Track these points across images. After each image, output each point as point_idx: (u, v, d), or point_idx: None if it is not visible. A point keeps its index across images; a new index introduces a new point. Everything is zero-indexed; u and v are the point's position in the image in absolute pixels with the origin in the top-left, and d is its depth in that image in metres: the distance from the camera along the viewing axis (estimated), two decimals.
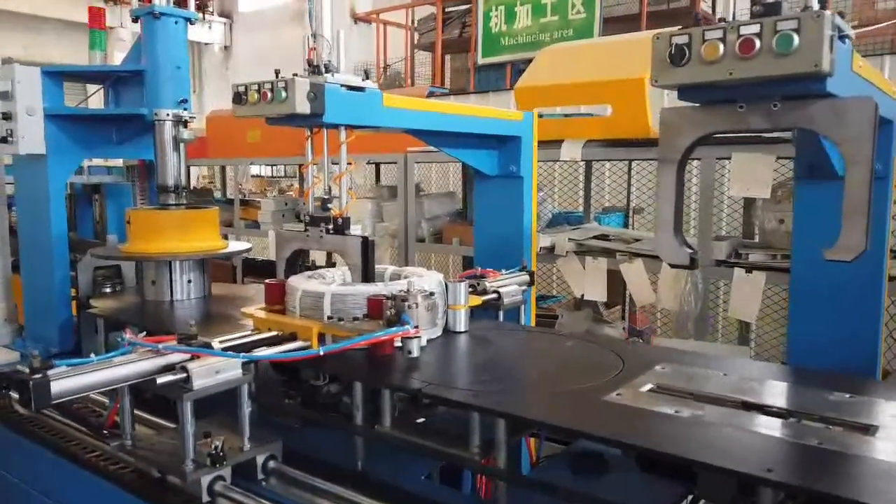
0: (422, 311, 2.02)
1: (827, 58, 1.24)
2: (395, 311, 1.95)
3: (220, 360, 1.70)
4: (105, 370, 1.61)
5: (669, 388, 1.70)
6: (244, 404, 1.76)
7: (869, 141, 1.34)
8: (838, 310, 2.27)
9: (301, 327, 2.01)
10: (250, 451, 1.77)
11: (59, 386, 1.53)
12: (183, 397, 1.64)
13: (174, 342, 1.73)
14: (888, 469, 1.26)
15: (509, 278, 2.69)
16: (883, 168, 2.20)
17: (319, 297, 2.07)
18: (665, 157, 1.58)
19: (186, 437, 1.69)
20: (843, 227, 1.41)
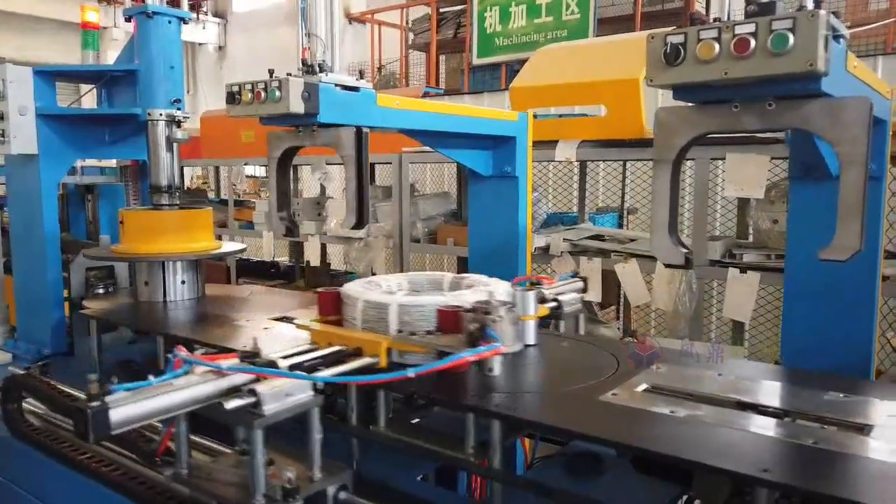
0: (506, 326, 1.79)
1: (822, 57, 1.24)
2: (479, 326, 1.76)
3: (288, 381, 1.54)
4: (167, 394, 1.46)
5: (665, 387, 1.70)
6: (315, 430, 1.58)
7: (864, 141, 1.34)
8: (832, 310, 2.28)
9: (368, 342, 1.83)
10: (321, 482, 1.59)
11: (118, 414, 1.38)
12: (254, 424, 1.47)
13: (236, 361, 1.59)
14: (884, 468, 1.26)
15: (566, 285, 2.55)
16: (877, 168, 2.21)
17: (384, 308, 1.91)
18: (660, 158, 1.58)
19: (257, 469, 1.51)
20: (838, 227, 1.41)
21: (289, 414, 1.51)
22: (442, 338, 1.82)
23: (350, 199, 2.22)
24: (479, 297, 1.96)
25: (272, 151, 2.36)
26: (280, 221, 2.38)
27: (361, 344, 1.84)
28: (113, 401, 1.38)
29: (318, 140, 2.24)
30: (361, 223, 2.25)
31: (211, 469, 1.70)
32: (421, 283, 2.38)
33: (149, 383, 1.47)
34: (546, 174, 6.95)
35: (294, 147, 2.33)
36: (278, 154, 2.35)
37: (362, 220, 2.24)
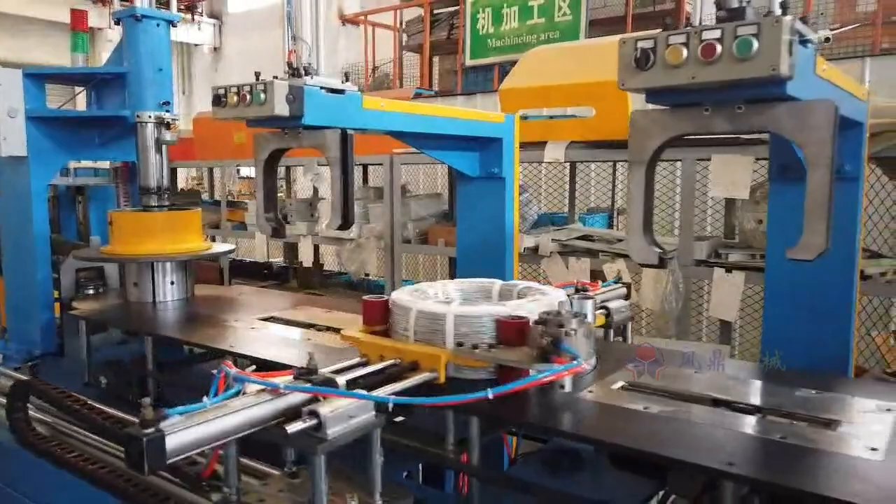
0: (581, 339, 1.65)
1: (785, 62, 1.27)
2: (552, 340, 1.62)
3: (351, 401, 1.45)
4: (224, 417, 1.37)
5: (640, 385, 1.73)
6: (376, 452, 1.50)
7: (829, 143, 1.38)
8: (812, 309, 2.31)
9: (426, 355, 1.72)
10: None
11: (175, 442, 1.28)
12: (318, 450, 1.37)
13: (290, 378, 1.50)
14: (848, 462, 1.30)
15: (610, 292, 2.48)
16: (853, 169, 2.24)
17: (440, 318, 1.78)
18: (635, 159, 1.61)
19: (319, 497, 1.41)
20: (805, 228, 1.44)
21: (352, 437, 1.42)
22: (507, 352, 1.69)
23: (335, 200, 2.25)
24: (539, 306, 1.84)
25: (259, 153, 2.39)
26: (267, 222, 2.41)
27: (418, 357, 1.72)
28: (168, 426, 1.28)
29: (304, 142, 2.26)
30: (347, 224, 2.28)
31: (261, 493, 1.59)
32: (470, 291, 2.28)
33: (203, 405, 1.38)
34: (538, 175, 6.99)
35: (280, 149, 2.35)
36: (265, 156, 2.37)
37: (348, 221, 2.27)
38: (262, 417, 1.41)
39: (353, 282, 6.25)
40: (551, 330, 1.63)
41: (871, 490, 1.22)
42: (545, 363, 1.60)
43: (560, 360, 1.59)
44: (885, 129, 3.03)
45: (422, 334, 1.82)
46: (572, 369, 1.58)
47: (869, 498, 1.19)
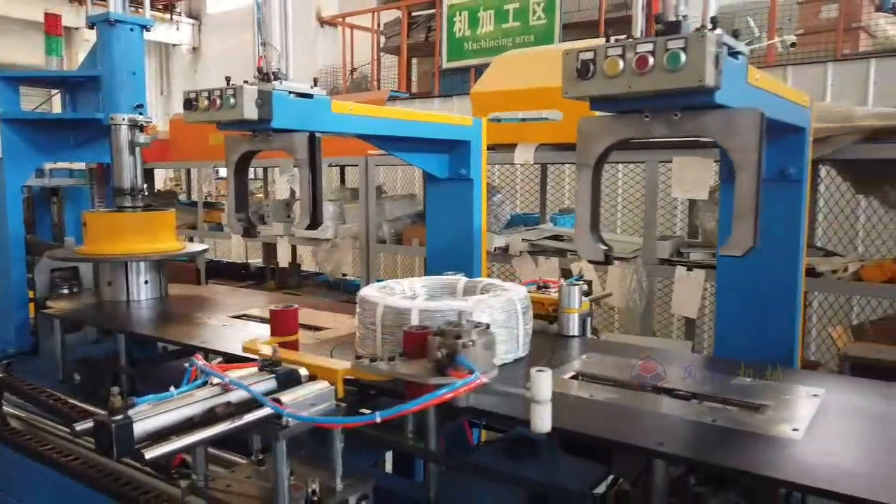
0: (479, 351, 1.57)
1: (711, 73, 1.38)
2: (448, 353, 1.55)
3: (312, 391, 1.54)
4: (191, 404, 1.43)
5: (589, 374, 1.83)
6: (336, 439, 1.57)
7: (755, 148, 1.49)
8: (759, 304, 2.43)
9: (322, 369, 1.71)
10: (344, 492, 1.59)
11: (143, 427, 1.33)
12: (279, 435, 1.45)
13: (255, 370, 1.58)
14: (770, 441, 1.41)
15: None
16: (797, 171, 2.36)
17: (406, 313, 1.85)
18: (582, 163, 1.72)
19: (281, 481, 1.49)
20: (734, 227, 1.55)
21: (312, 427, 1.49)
22: (406, 364, 1.64)
23: (304, 201, 2.32)
24: (500, 302, 1.90)
25: (230, 155, 2.46)
26: (238, 222, 2.48)
27: (316, 371, 1.70)
28: (136, 414, 1.33)
29: (274, 144, 2.34)
30: (315, 224, 2.36)
31: (228, 480, 1.65)
32: (435, 287, 2.36)
33: (171, 395, 1.44)
34: (513, 176, 7.11)
35: (251, 151, 2.43)
36: (236, 158, 2.45)
37: (316, 221, 2.35)
38: (223, 406, 1.47)
39: (329, 282, 6.32)
40: (448, 342, 1.56)
41: (789, 465, 1.33)
42: (442, 377, 1.53)
43: (457, 374, 1.51)
44: (834, 132, 3.18)
45: (388, 328, 1.90)
46: (471, 384, 1.49)
47: (785, 472, 1.30)
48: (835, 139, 3.21)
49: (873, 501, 1.19)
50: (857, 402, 1.68)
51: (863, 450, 1.43)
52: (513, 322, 1.96)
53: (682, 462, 1.39)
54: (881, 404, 1.69)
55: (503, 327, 1.92)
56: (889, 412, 1.62)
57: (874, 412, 1.63)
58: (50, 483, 2.12)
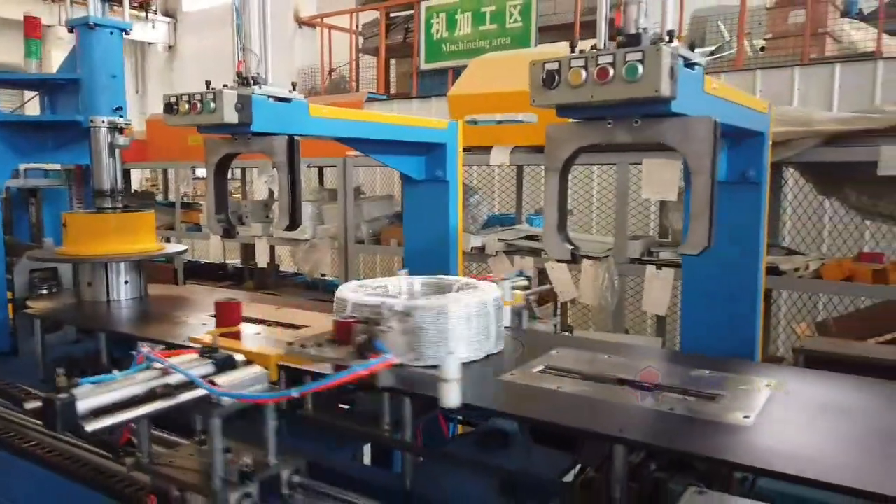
0: (397, 336, 1.79)
1: (666, 84, 1.47)
2: (367, 338, 1.77)
3: (246, 374, 1.67)
4: (132, 385, 1.55)
5: (557, 368, 1.93)
6: (269, 418, 1.70)
7: (708, 154, 1.59)
8: (722, 301, 2.54)
9: (258, 356, 1.86)
10: (276, 467, 1.72)
11: (86, 405, 1.44)
12: (213, 413, 1.60)
13: (196, 356, 1.70)
14: (722, 427, 1.51)
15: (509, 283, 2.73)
16: (757, 174, 2.47)
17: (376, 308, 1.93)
18: (549, 167, 1.81)
19: (216, 455, 1.63)
20: (690, 227, 1.65)
21: (245, 405, 1.62)
22: (333, 350, 1.82)
23: (283, 202, 2.39)
24: (473, 297, 2.00)
25: (210, 157, 2.51)
26: (218, 223, 2.54)
27: (252, 357, 1.84)
28: (80, 392, 1.44)
29: (253, 147, 2.40)
30: (294, 224, 2.42)
31: (171, 458, 1.78)
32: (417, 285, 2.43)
33: (114, 377, 1.56)
34: (491, 178, 7.21)
35: (230, 154, 2.48)
36: (216, 160, 2.50)
37: (295, 222, 2.41)
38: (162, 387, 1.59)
39: (308, 282, 6.36)
40: (368, 329, 1.77)
41: (739, 449, 1.43)
42: (362, 360, 1.69)
43: (375, 357, 1.69)
44: (794, 136, 3.31)
45: None
46: (379, 364, 1.66)
47: (735, 455, 1.40)
48: (795, 143, 3.34)
49: (817, 480, 1.29)
50: (806, 392, 1.79)
51: (809, 435, 1.53)
52: (486, 319, 2.04)
53: (640, 447, 1.48)
54: (829, 393, 1.80)
55: (477, 324, 2.01)
56: (836, 400, 1.74)
57: (822, 401, 1.74)
58: (33, 479, 2.16)
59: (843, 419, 1.60)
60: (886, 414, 1.66)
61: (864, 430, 1.54)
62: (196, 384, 1.59)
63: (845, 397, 1.75)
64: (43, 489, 2.16)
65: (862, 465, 1.38)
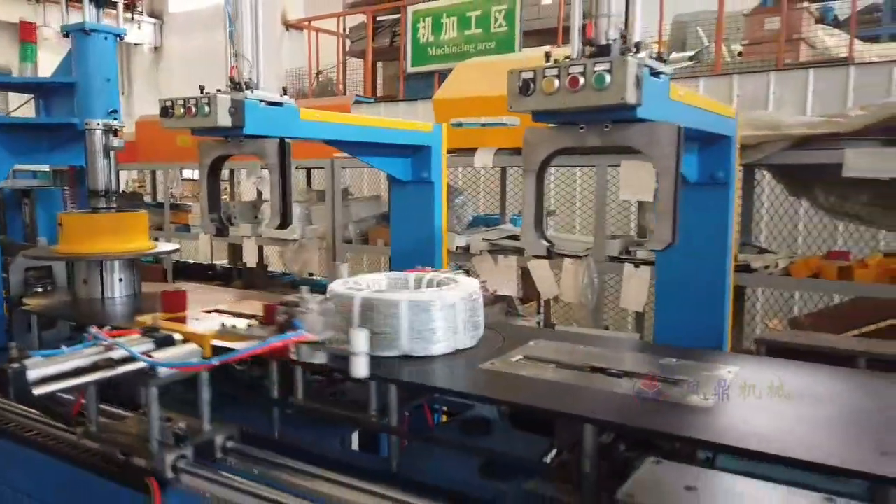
0: (315, 317, 1.97)
1: (632, 92, 1.60)
2: (287, 318, 1.97)
3: (183, 350, 1.91)
4: (78, 359, 1.76)
5: (536, 357, 2.05)
6: (203, 390, 1.94)
7: (673, 157, 1.72)
8: (693, 296, 2.68)
9: (194, 334, 2.04)
10: (210, 433, 1.94)
11: (35, 374, 1.64)
12: (149, 383, 1.84)
13: (139, 335, 1.93)
14: (684, 409, 1.64)
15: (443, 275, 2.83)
16: (724, 176, 2.61)
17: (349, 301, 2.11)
18: (527, 168, 1.93)
19: (153, 420, 1.87)
20: (656, 225, 1.78)
21: (181, 377, 1.87)
22: (260, 329, 2.05)
23: (274, 203, 2.49)
24: (452, 291, 2.14)
25: (203, 159, 2.61)
26: (211, 222, 2.64)
27: (190, 336, 2.03)
28: (31, 363, 1.65)
29: (245, 149, 2.50)
30: (285, 223, 2.52)
31: (117, 427, 2.04)
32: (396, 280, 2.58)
33: (61, 352, 1.77)
34: (477, 179, 7.34)
35: (223, 155, 2.59)
36: (209, 161, 2.60)
37: (286, 221, 2.52)
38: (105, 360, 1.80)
39: (296, 282, 6.45)
40: (289, 310, 1.98)
41: (697, 426, 1.56)
42: None
43: None
44: (764, 139, 3.47)
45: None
46: (293, 338, 1.89)
47: (694, 430, 1.53)
48: (765, 146, 3.50)
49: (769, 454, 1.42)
50: (764, 377, 1.92)
51: (764, 415, 1.66)
52: (467, 312, 2.16)
53: (607, 426, 1.60)
54: (784, 379, 1.94)
55: (460, 315, 2.13)
56: (790, 385, 1.87)
57: (778, 385, 1.88)
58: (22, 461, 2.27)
59: (795, 402, 1.74)
60: (836, 397, 1.80)
61: (814, 411, 1.68)
62: (134, 357, 1.81)
63: (799, 382, 1.89)
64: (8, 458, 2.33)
65: (811, 441, 1.51)
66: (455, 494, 1.76)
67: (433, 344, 2.04)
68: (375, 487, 1.71)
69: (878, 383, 1.89)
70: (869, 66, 6.05)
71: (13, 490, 2.30)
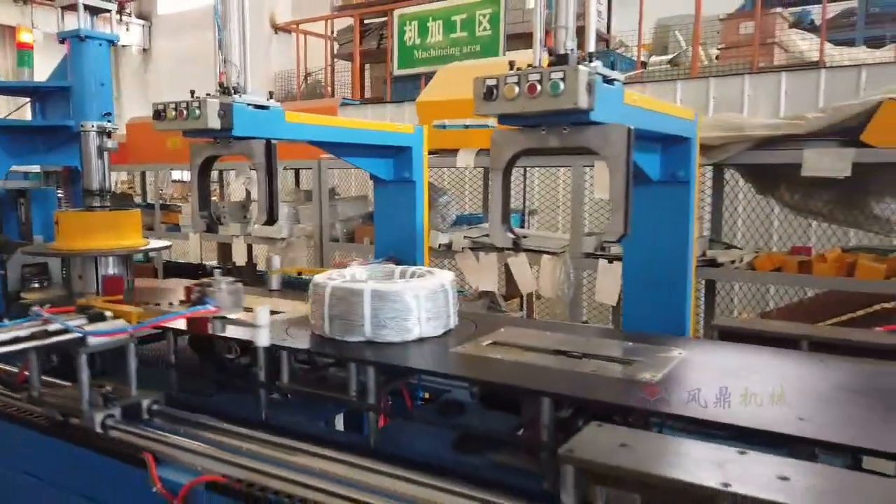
0: (224, 295, 2.35)
1: (584, 98, 1.77)
2: (199, 295, 2.33)
3: (110, 324, 2.25)
4: (17, 330, 2.11)
5: (504, 342, 2.22)
6: (131, 360, 2.26)
7: (624, 157, 1.89)
8: (657, 287, 2.85)
9: (125, 313, 2.39)
10: (136, 397, 2.24)
11: None
12: (79, 351, 2.12)
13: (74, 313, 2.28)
14: (631, 384, 1.81)
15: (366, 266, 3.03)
16: (685, 175, 2.78)
17: (322, 289, 2.34)
18: (494, 167, 2.09)
19: (83, 385, 2.15)
20: (611, 218, 1.94)
21: (109, 346, 2.20)
22: (180, 308, 2.38)
23: (261, 201, 2.65)
24: (425, 282, 2.35)
25: (194, 160, 2.76)
26: (201, 219, 2.79)
27: (120, 314, 2.37)
28: None
29: (233, 150, 2.66)
30: (272, 220, 2.68)
31: (56, 394, 2.34)
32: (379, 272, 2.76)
33: (4, 324, 2.16)
34: (463, 180, 7.51)
35: (213, 156, 2.74)
36: (199, 162, 2.75)
37: (272, 218, 2.67)
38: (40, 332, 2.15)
39: (284, 280, 6.58)
40: (203, 289, 2.33)
41: (644, 398, 1.73)
42: None
43: None
44: (728, 140, 3.65)
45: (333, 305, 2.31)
46: (201, 311, 2.27)
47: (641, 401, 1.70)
48: (729, 146, 3.69)
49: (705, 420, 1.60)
50: (710, 358, 2.10)
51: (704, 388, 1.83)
52: (441, 301, 2.33)
53: (564, 399, 1.77)
54: (730, 359, 2.12)
55: (434, 305, 2.29)
56: (734, 364, 2.05)
57: (722, 364, 2.06)
58: None
59: (737, 377, 1.91)
60: (775, 372, 1.97)
61: (751, 385, 1.85)
62: (67, 329, 2.16)
63: (743, 361, 2.07)
64: None
65: (742, 409, 1.68)
66: (430, 467, 1.92)
67: (407, 331, 2.22)
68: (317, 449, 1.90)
69: (809, 362, 2.07)
70: (838, 70, 6.27)
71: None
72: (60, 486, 2.28)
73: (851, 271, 3.53)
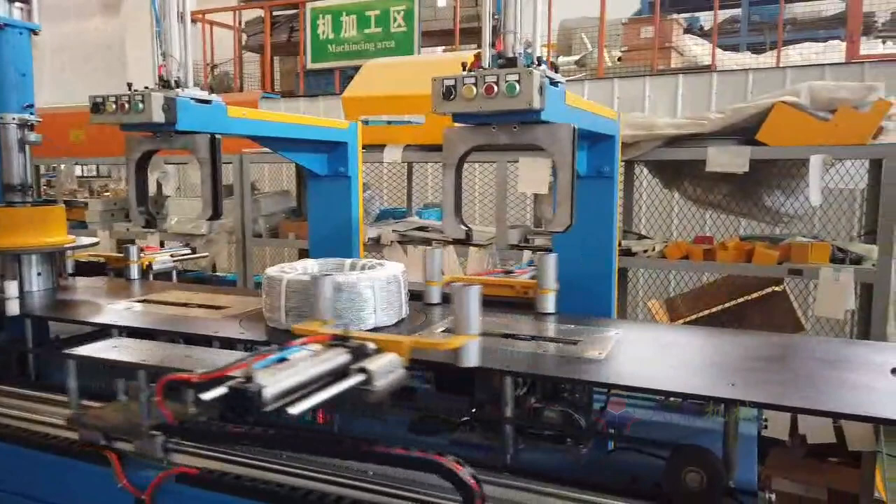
0: None
1: (537, 98, 1.92)
2: None
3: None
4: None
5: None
6: None
7: (569, 153, 2.06)
8: (585, 273, 3.06)
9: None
10: None
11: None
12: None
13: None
14: (580, 361, 2.00)
15: None
16: (609, 170, 3.02)
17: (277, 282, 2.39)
18: (447, 163, 2.22)
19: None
20: (557, 210, 2.12)
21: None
22: None
23: (206, 195, 2.64)
24: (376, 273, 2.45)
25: (131, 153, 2.70)
26: (140, 214, 2.74)
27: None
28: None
29: (175, 144, 2.63)
30: (217, 215, 2.67)
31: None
32: (328, 266, 2.80)
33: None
34: (380, 174, 7.57)
35: (151, 150, 2.70)
36: (136, 156, 2.70)
37: (217, 213, 2.67)
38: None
39: (203, 276, 6.42)
40: None
41: (591, 372, 1.92)
42: None
43: None
44: (640, 139, 3.96)
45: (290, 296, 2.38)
46: None
47: (589, 376, 1.88)
48: (642, 144, 3.99)
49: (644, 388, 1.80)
50: (643, 336, 2.33)
51: (643, 363, 2.05)
52: (395, 291, 2.43)
53: (517, 376, 1.93)
54: (660, 336, 2.35)
55: (388, 295, 2.40)
56: (663, 341, 2.28)
57: (653, 342, 2.29)
58: None
59: (669, 353, 2.14)
60: (700, 349, 2.22)
61: (681, 358, 2.09)
62: None
63: (669, 338, 2.31)
64: None
65: (679, 378, 1.91)
66: None
67: (363, 321, 2.31)
68: None
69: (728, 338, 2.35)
70: (728, 74, 6.84)
71: None
72: None
73: (749, 258, 3.93)
